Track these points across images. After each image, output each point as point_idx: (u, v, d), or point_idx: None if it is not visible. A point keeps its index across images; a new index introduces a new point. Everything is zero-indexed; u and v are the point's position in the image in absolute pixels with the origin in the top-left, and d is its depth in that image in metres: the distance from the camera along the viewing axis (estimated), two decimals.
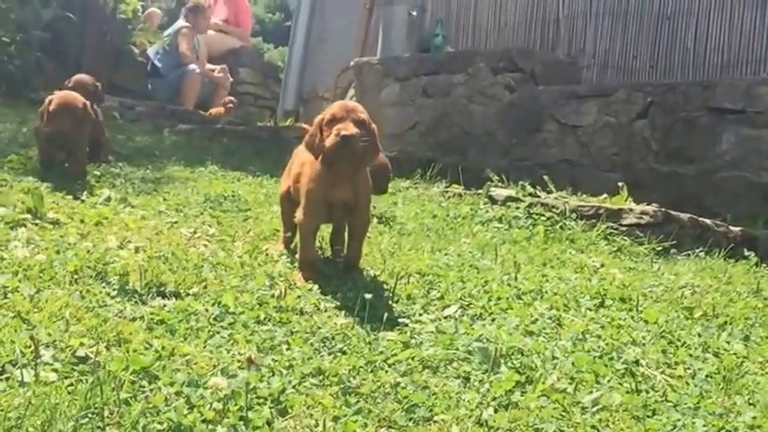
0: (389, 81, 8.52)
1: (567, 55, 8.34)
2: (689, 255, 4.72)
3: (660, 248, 4.70)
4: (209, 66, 10.23)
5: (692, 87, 6.45)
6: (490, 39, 9.12)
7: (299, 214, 3.38)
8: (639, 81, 7.53)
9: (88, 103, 4.68)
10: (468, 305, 3.19)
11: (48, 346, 2.21)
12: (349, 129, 3.08)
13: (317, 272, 3.32)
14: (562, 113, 7.03)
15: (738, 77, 6.99)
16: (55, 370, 2.07)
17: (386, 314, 2.91)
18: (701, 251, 4.76)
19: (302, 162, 3.46)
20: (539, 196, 5.31)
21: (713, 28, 7.43)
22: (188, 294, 2.83)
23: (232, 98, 10.01)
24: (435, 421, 2.19)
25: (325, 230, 3.83)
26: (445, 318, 2.99)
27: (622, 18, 8.10)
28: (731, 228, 5.20)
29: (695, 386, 2.60)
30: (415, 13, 9.00)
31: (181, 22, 9.97)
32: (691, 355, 2.92)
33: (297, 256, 3.43)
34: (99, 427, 1.84)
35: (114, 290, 2.78)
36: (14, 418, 1.79)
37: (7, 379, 2.01)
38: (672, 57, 7.68)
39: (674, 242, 4.75)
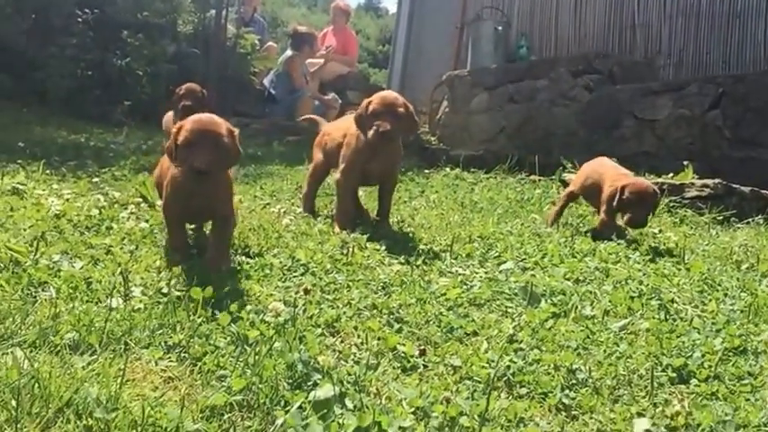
0: (479, 91, 8.58)
1: (644, 57, 8.22)
2: (749, 223, 4.61)
3: (721, 218, 4.62)
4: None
5: (761, 77, 6.31)
6: (571, 48, 9.07)
7: (337, 175, 3.68)
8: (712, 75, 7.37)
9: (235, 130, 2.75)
10: (522, 260, 3.25)
11: (139, 286, 2.41)
12: (384, 125, 3.40)
13: (351, 222, 3.60)
14: (639, 109, 6.96)
15: None
16: (141, 301, 2.27)
17: (443, 266, 3.02)
18: (761, 218, 4.65)
19: (344, 133, 3.73)
20: None
21: None
22: (269, 254, 3.00)
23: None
24: (470, 341, 2.28)
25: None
26: (500, 272, 3.05)
27: (695, 18, 7.94)
28: None
29: (723, 316, 2.60)
30: (501, 29, 9.06)
31: (290, 52, 10.28)
32: (726, 295, 2.90)
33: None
34: (170, 336, 2.01)
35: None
36: (99, 327, 1.99)
37: (99, 304, 2.22)
38: (743, 52, 7.49)
39: (734, 212, 4.65)
